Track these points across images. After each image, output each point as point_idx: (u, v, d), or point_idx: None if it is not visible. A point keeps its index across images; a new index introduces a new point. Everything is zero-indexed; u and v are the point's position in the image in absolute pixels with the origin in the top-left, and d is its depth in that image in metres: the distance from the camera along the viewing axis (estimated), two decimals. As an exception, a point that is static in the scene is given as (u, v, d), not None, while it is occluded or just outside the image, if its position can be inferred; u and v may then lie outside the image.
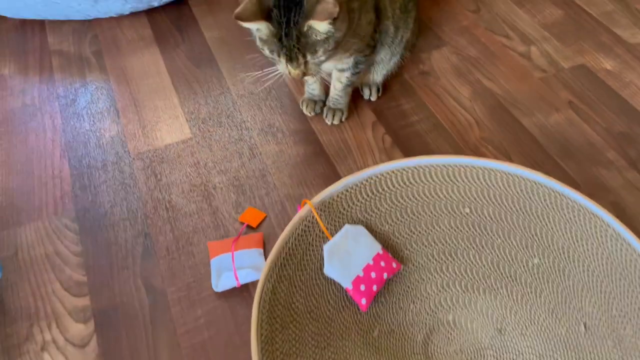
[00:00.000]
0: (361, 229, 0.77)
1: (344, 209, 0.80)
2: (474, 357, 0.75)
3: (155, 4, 1.37)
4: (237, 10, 0.80)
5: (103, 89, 1.20)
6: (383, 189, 0.82)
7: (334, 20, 0.80)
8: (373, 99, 1.16)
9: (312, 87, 1.11)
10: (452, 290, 0.79)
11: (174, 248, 0.93)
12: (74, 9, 1.32)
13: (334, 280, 0.75)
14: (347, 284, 0.73)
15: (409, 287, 0.78)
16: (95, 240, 0.94)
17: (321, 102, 1.13)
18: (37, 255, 0.92)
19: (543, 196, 0.79)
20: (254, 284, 0.88)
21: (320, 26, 0.81)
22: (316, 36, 0.82)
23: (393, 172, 0.82)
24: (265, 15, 0.81)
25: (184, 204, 0.99)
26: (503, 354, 0.74)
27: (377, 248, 0.76)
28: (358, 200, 0.80)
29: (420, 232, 0.81)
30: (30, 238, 0.95)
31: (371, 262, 0.74)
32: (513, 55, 1.27)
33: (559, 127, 1.10)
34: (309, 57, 0.84)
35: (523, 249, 0.79)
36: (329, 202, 0.79)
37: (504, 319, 0.76)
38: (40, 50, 1.31)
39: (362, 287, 0.73)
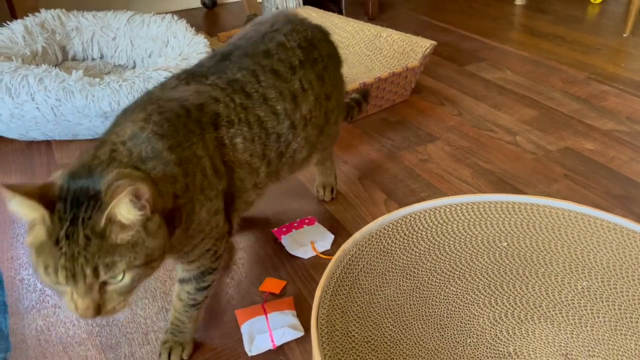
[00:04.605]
0: None
1: (384, 247, 0.78)
2: (545, 388, 0.69)
3: (162, 121, 1.44)
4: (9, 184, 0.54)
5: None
6: (419, 228, 0.82)
7: (147, 218, 0.56)
8: (327, 199, 1.14)
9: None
10: (506, 322, 0.75)
11: (199, 320, 0.87)
12: (84, 126, 1.37)
13: (388, 312, 0.71)
14: None
15: (461, 322, 0.74)
16: (110, 319, 0.87)
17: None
18: (47, 340, 0.84)
19: (576, 221, 0.80)
20: (289, 346, 0.81)
21: (123, 209, 0.54)
22: (118, 235, 0.55)
23: (425, 211, 0.83)
24: (47, 205, 0.55)
25: (206, 280, 0.94)
26: (576, 378, 0.69)
27: None
28: (396, 239, 0.80)
29: (462, 269, 0.80)
30: (39, 324, 0.87)
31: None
32: (502, 143, 1.36)
33: (561, 194, 1.15)
34: (102, 274, 0.54)
35: (569, 273, 0.77)
36: (368, 241, 0.78)
37: (567, 343, 0.71)
38: (47, 165, 1.33)
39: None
